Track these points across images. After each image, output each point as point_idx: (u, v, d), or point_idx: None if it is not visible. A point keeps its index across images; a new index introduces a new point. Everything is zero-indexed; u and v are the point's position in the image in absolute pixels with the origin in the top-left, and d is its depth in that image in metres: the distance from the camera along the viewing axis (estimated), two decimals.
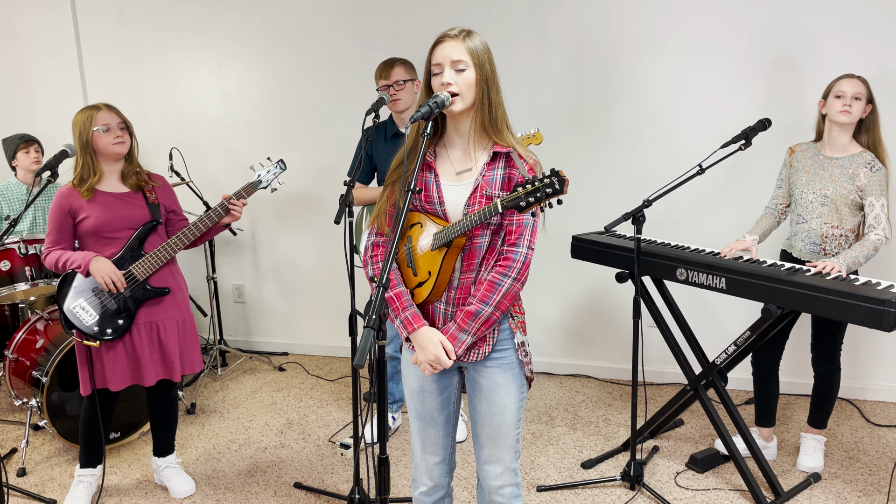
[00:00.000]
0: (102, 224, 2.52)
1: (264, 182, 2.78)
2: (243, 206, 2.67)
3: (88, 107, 2.54)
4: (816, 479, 2.82)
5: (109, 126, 2.50)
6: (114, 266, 2.50)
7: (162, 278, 2.63)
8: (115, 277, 2.48)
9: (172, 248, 2.58)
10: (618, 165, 3.71)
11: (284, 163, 2.82)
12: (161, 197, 2.67)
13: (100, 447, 2.75)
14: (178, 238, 2.59)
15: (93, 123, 2.49)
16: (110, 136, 2.50)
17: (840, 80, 2.62)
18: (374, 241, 1.88)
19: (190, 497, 2.83)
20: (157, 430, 2.84)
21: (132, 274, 2.54)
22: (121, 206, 2.56)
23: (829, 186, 2.66)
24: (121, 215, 2.54)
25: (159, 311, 2.62)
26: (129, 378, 2.61)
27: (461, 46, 1.72)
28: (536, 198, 1.58)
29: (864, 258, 2.54)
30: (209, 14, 4.18)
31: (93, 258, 2.49)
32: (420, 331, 1.77)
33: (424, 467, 1.96)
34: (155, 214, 2.61)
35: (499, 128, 1.77)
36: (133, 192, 2.61)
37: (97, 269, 2.47)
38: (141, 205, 2.60)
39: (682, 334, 2.99)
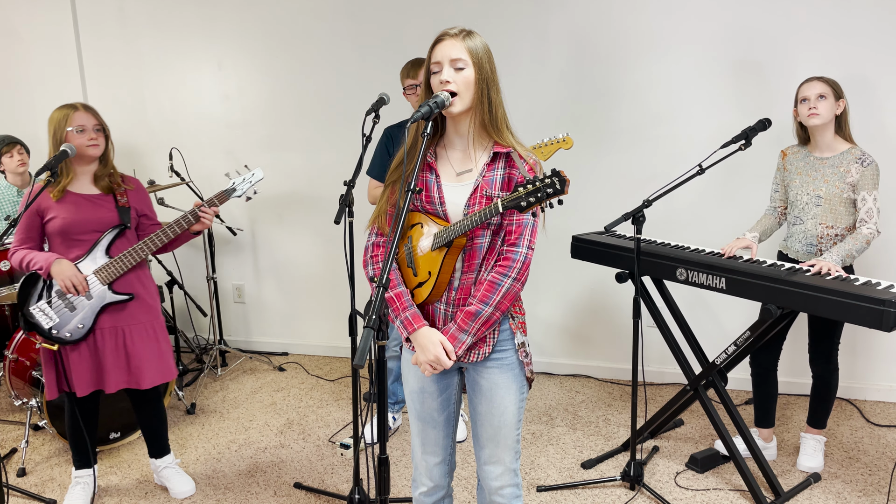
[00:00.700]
0: (69, 225, 2.47)
1: (238, 191, 2.72)
2: (215, 213, 2.61)
3: (65, 105, 2.49)
4: (816, 479, 2.82)
5: (85, 127, 2.47)
6: (76, 269, 2.45)
7: (128, 283, 2.57)
8: (77, 281, 2.43)
9: (139, 253, 2.52)
10: (618, 165, 3.71)
11: (261, 171, 2.77)
12: (133, 200, 2.62)
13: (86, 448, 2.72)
14: (146, 243, 2.53)
15: (68, 123, 2.45)
16: (84, 137, 2.47)
17: (801, 85, 2.67)
18: (374, 241, 1.88)
19: (190, 497, 2.83)
20: (148, 432, 2.81)
21: (95, 278, 2.50)
22: (89, 208, 2.51)
23: (821, 187, 2.66)
24: (88, 217, 2.50)
25: (125, 316, 2.56)
26: (92, 383, 2.55)
27: (460, 45, 1.72)
28: (537, 198, 1.57)
29: (856, 251, 2.55)
30: (209, 14, 4.18)
31: (55, 260, 2.44)
32: (420, 331, 1.77)
33: (424, 468, 1.96)
34: (124, 218, 2.55)
35: (499, 127, 1.77)
36: (103, 195, 2.56)
37: (58, 271, 2.43)
38: (110, 207, 2.55)
39: (682, 334, 2.99)
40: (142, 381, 2.59)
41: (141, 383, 2.59)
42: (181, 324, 4.47)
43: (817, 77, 2.63)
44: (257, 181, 2.76)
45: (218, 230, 4.35)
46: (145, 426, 2.80)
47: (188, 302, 4.38)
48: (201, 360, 4.24)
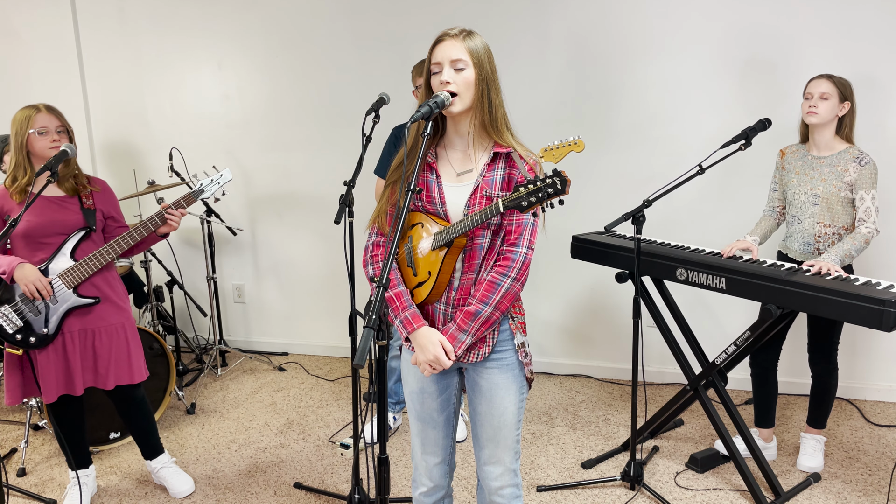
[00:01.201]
0: (33, 228, 2.44)
1: (206, 192, 2.70)
2: (182, 215, 2.57)
3: (28, 106, 2.46)
4: (816, 479, 2.82)
5: (47, 129, 2.44)
6: (39, 273, 2.42)
7: (94, 286, 2.53)
8: (41, 285, 2.40)
9: (104, 256, 2.49)
10: (618, 165, 3.71)
11: (229, 172, 2.76)
12: (99, 202, 2.58)
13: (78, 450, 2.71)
14: (111, 246, 2.49)
15: (30, 125, 2.42)
16: (46, 139, 2.44)
17: (809, 81, 2.66)
18: (374, 241, 1.88)
19: (190, 497, 2.83)
20: (136, 434, 2.78)
21: (60, 282, 2.46)
22: (53, 210, 2.47)
23: (819, 186, 2.67)
24: (52, 220, 2.46)
25: (94, 318, 2.53)
26: (61, 387, 2.52)
27: (461, 46, 1.72)
28: (538, 198, 1.57)
29: (855, 251, 2.55)
30: (209, 14, 4.18)
31: (17, 264, 2.40)
32: (419, 331, 1.77)
33: (424, 468, 1.96)
34: (89, 221, 2.51)
35: (498, 127, 1.77)
36: (68, 197, 2.52)
37: (21, 276, 2.39)
38: (75, 210, 2.51)
39: (682, 334, 2.99)
40: (108, 382, 2.57)
41: (107, 383, 2.57)
42: (181, 324, 4.47)
43: (826, 75, 2.62)
44: (225, 182, 2.75)
45: (218, 230, 4.35)
46: (133, 428, 2.77)
47: (188, 302, 4.38)
48: (201, 360, 4.24)
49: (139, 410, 2.74)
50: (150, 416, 2.79)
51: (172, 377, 3.39)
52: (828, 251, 2.55)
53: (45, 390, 2.51)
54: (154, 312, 3.96)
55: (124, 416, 2.74)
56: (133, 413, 2.73)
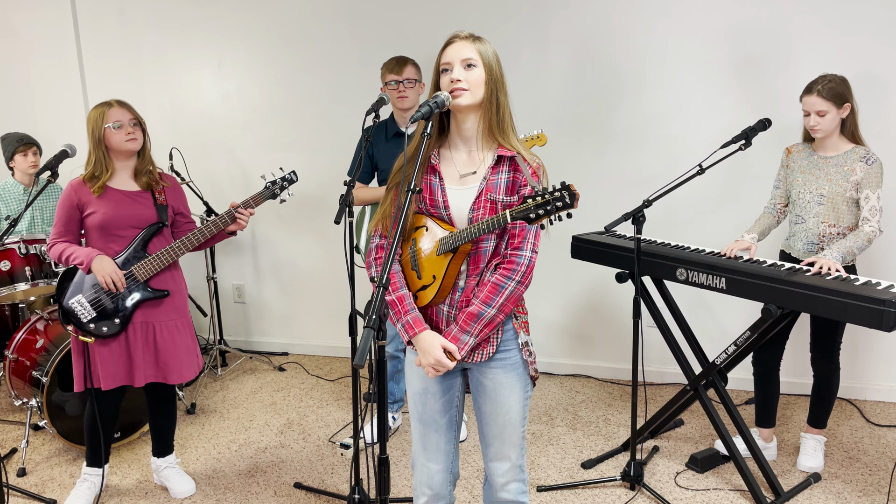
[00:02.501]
0: (109, 221, 2.51)
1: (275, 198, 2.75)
2: (250, 215, 2.66)
3: (101, 103, 2.53)
4: (816, 479, 2.82)
5: (121, 122, 2.50)
6: (116, 266, 2.50)
7: (162, 280, 2.61)
8: (116, 277, 2.48)
9: (176, 251, 2.57)
10: (618, 166, 3.71)
11: (296, 174, 2.78)
12: (170, 198, 2.66)
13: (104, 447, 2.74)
14: (182, 242, 2.58)
15: (105, 120, 2.48)
16: (122, 132, 2.50)
17: (803, 96, 2.63)
18: (377, 244, 1.88)
19: (190, 497, 2.83)
20: (157, 430, 2.83)
21: (133, 274, 2.54)
22: (129, 204, 2.55)
23: (824, 185, 2.66)
24: (128, 214, 2.54)
25: (157, 312, 2.61)
26: (121, 378, 2.59)
27: (471, 47, 1.73)
28: (546, 211, 1.56)
29: (857, 249, 2.54)
30: (209, 14, 4.18)
31: (96, 256, 2.48)
32: (421, 335, 1.77)
33: (426, 475, 1.93)
34: (162, 216, 2.60)
35: (504, 130, 1.77)
36: (143, 192, 2.60)
37: (99, 267, 2.47)
38: (149, 205, 2.59)
39: (682, 334, 2.99)
40: (169, 376, 2.64)
41: (168, 378, 2.64)
42: None
43: (816, 90, 2.58)
44: (293, 184, 2.78)
45: None
46: (157, 425, 2.81)
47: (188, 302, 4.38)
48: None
49: (169, 407, 2.80)
50: (174, 415, 2.85)
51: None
52: (829, 248, 2.54)
53: (104, 378, 2.56)
54: None
55: (154, 410, 2.79)
56: (163, 409, 2.79)
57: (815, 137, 2.67)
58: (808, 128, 2.66)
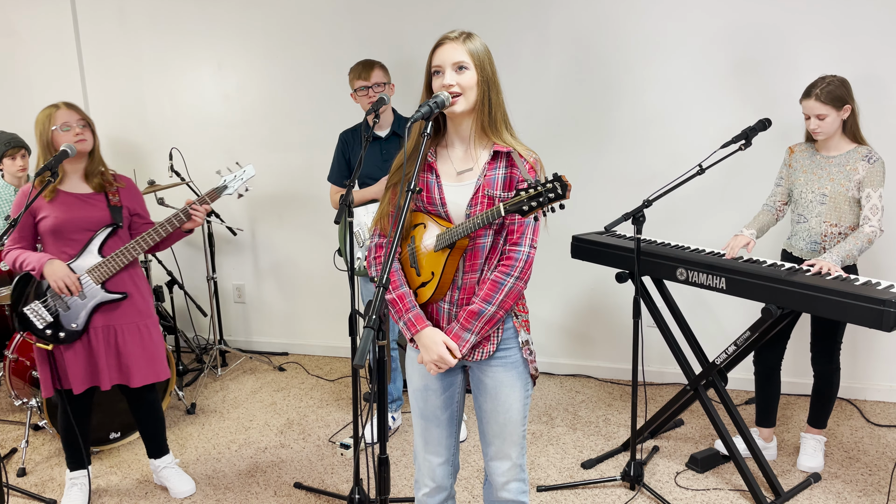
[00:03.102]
0: (61, 225, 2.48)
1: (230, 188, 2.71)
2: (206, 211, 2.60)
3: (48, 106, 2.50)
4: (816, 479, 2.82)
5: (69, 124, 2.47)
6: (69, 269, 2.45)
7: (120, 282, 2.57)
8: (69, 281, 2.44)
9: (131, 252, 2.52)
10: (618, 165, 3.71)
11: (252, 168, 2.76)
12: (125, 199, 2.61)
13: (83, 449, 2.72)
14: (137, 242, 2.53)
15: (52, 122, 2.45)
16: (70, 134, 2.47)
17: (802, 99, 2.63)
18: (377, 243, 1.89)
19: (190, 497, 2.83)
20: (145, 433, 2.81)
21: (88, 278, 2.50)
22: (81, 207, 2.51)
23: (827, 185, 2.66)
24: (80, 216, 2.50)
25: (118, 315, 2.57)
26: (87, 381, 2.56)
27: (462, 48, 1.72)
28: (539, 202, 1.58)
29: (857, 251, 2.54)
30: (209, 14, 4.18)
31: (47, 261, 2.44)
32: (424, 332, 1.78)
33: (427, 468, 1.96)
34: (115, 217, 2.55)
35: (498, 129, 1.77)
36: (95, 193, 2.56)
37: (51, 272, 2.43)
38: (102, 207, 2.55)
39: (682, 334, 2.99)
40: (132, 380, 2.60)
41: (131, 381, 2.60)
42: (181, 324, 4.47)
43: (814, 94, 2.57)
44: (248, 178, 2.75)
45: (218, 230, 4.35)
46: (142, 427, 2.80)
47: (188, 302, 4.38)
48: (201, 360, 4.24)
49: (151, 409, 2.77)
50: (160, 418, 2.82)
51: (173, 377, 3.39)
52: (829, 251, 2.55)
53: (73, 382, 2.54)
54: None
55: (137, 414, 2.77)
56: (146, 412, 2.76)
57: (817, 140, 2.68)
58: (809, 130, 2.67)
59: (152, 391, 2.74)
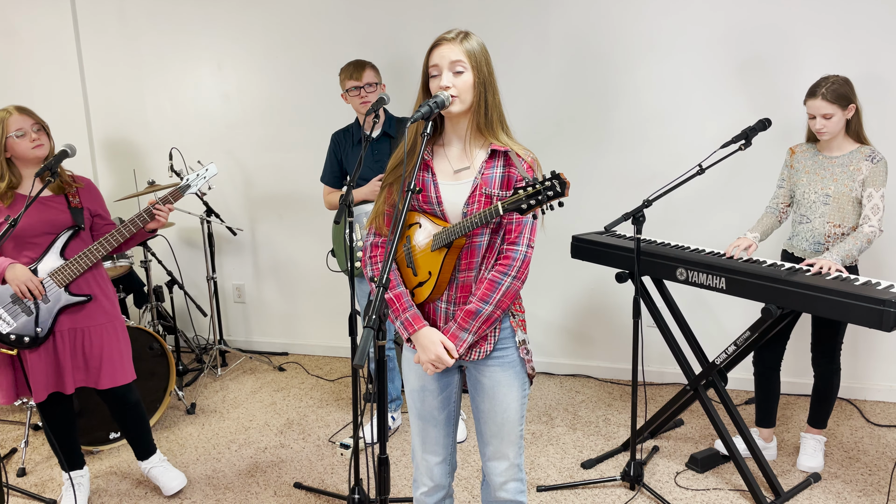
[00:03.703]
0: (21, 229, 2.44)
1: (192, 187, 2.69)
2: (169, 211, 2.57)
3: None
4: (816, 479, 2.82)
5: (24, 130, 2.43)
6: (31, 273, 2.42)
7: (84, 284, 2.54)
8: (32, 285, 2.41)
9: (94, 253, 2.49)
10: (618, 165, 3.71)
11: (214, 167, 2.74)
12: (85, 200, 2.58)
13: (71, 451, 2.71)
14: (100, 244, 2.50)
15: (6, 130, 2.42)
16: (26, 140, 2.44)
17: (807, 99, 2.62)
18: (372, 242, 1.88)
19: (190, 497, 2.83)
20: (130, 436, 2.78)
21: (51, 281, 2.47)
22: (40, 209, 2.47)
23: (830, 185, 2.66)
24: (40, 219, 2.46)
25: (83, 317, 2.54)
26: (51, 385, 2.54)
27: (459, 49, 1.72)
28: (538, 200, 1.57)
29: (857, 251, 2.54)
30: (209, 14, 4.18)
31: (8, 265, 2.41)
32: (421, 332, 1.77)
33: (425, 467, 1.96)
34: (77, 219, 2.52)
35: (493, 129, 1.77)
36: (55, 196, 2.52)
37: (13, 276, 2.40)
38: (62, 209, 2.51)
39: (682, 334, 2.99)
40: (100, 381, 2.58)
41: (99, 383, 2.58)
42: (181, 324, 4.47)
43: (820, 93, 2.57)
44: (211, 176, 2.73)
45: (218, 230, 4.35)
46: (126, 430, 2.77)
47: (188, 302, 4.38)
48: (201, 360, 4.24)
49: (132, 413, 2.74)
50: (143, 420, 2.78)
51: (172, 377, 3.39)
52: (829, 251, 2.55)
53: (35, 389, 2.51)
54: (154, 312, 3.96)
55: (117, 419, 2.74)
56: (126, 416, 2.73)
57: (822, 140, 2.67)
58: (814, 131, 2.65)
59: (131, 391, 2.70)
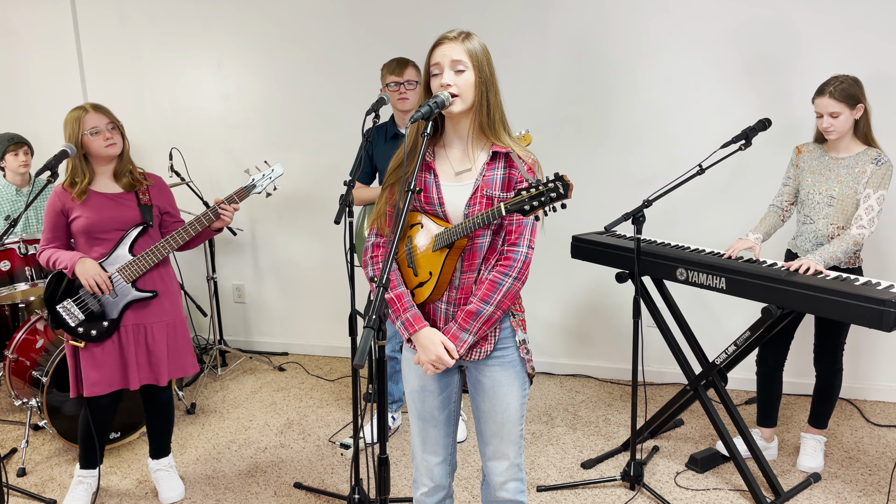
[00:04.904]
0: (92, 225, 2.50)
1: (259, 187, 2.73)
2: (235, 210, 2.63)
3: (76, 108, 2.51)
4: (816, 479, 2.82)
5: (98, 128, 2.48)
6: (99, 268, 2.47)
7: (150, 281, 2.59)
8: (100, 280, 2.45)
9: (161, 250, 2.54)
10: (618, 165, 3.71)
11: (280, 167, 2.77)
12: (155, 198, 2.64)
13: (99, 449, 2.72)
14: (167, 241, 2.55)
15: (81, 128, 2.46)
16: (100, 138, 2.48)
17: (815, 98, 2.61)
18: (373, 242, 1.88)
19: (190, 497, 2.82)
20: (153, 432, 2.81)
21: (119, 276, 2.52)
22: (111, 206, 2.53)
23: (835, 187, 2.65)
24: (111, 216, 2.52)
25: (148, 313, 2.58)
26: (116, 382, 2.57)
27: (460, 48, 1.72)
28: (540, 202, 1.57)
29: (842, 253, 2.53)
30: (209, 14, 4.18)
31: (79, 259, 2.47)
32: (421, 332, 1.77)
33: (425, 468, 1.96)
34: (146, 216, 2.57)
35: (496, 129, 1.77)
36: (125, 193, 2.58)
37: (82, 270, 2.45)
38: (132, 206, 2.57)
39: (682, 334, 2.99)
40: (161, 378, 2.62)
41: (160, 379, 2.62)
42: None
43: (828, 91, 2.56)
44: (277, 177, 2.76)
45: None
46: (153, 427, 2.80)
47: (188, 302, 4.38)
48: (201, 360, 4.24)
49: (165, 410, 2.78)
50: (171, 418, 2.82)
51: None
52: (813, 252, 2.54)
53: (98, 383, 2.54)
54: None
55: (149, 414, 2.78)
56: (159, 411, 2.77)
57: (829, 139, 2.65)
58: (821, 129, 2.64)
59: (167, 390, 2.75)
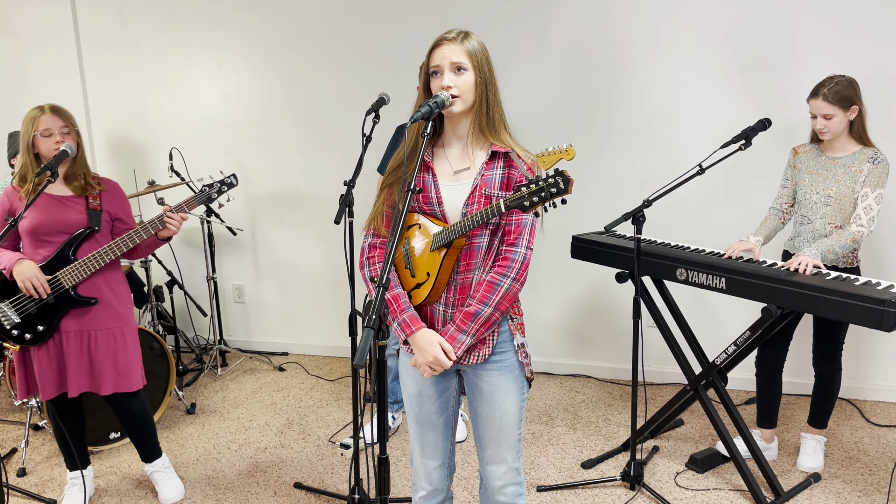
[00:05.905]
0: (37, 226, 2.46)
1: (211, 196, 2.62)
2: (182, 220, 2.54)
3: (36, 108, 2.49)
4: (816, 479, 2.82)
5: (51, 131, 2.45)
6: (38, 270, 2.43)
7: (94, 287, 2.53)
8: (37, 283, 2.41)
9: (104, 256, 2.48)
10: (618, 166, 3.71)
11: (236, 178, 2.66)
12: (106, 203, 2.58)
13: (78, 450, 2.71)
14: (110, 247, 2.49)
15: (34, 127, 2.45)
16: (51, 141, 2.46)
17: (809, 99, 2.62)
18: (371, 243, 1.87)
19: (190, 497, 2.82)
20: (133, 440, 2.78)
21: (59, 280, 2.47)
22: (58, 209, 2.49)
23: (832, 186, 2.65)
24: (57, 219, 2.48)
25: (91, 320, 2.53)
26: (56, 387, 2.53)
27: (460, 49, 1.71)
28: (541, 197, 1.56)
29: (839, 248, 2.53)
30: (209, 14, 4.18)
31: (17, 261, 2.43)
32: (418, 333, 1.76)
33: (424, 471, 1.95)
34: (92, 221, 2.52)
35: (496, 129, 1.77)
36: (75, 196, 2.53)
37: (20, 272, 2.41)
38: (80, 209, 2.52)
39: (682, 334, 2.99)
40: (101, 387, 2.57)
41: (101, 389, 2.57)
42: (181, 324, 4.47)
43: (822, 94, 2.56)
44: (230, 186, 2.66)
45: (218, 230, 4.35)
46: (131, 435, 2.76)
47: (188, 302, 4.38)
48: (201, 360, 4.24)
49: (136, 419, 2.72)
50: (147, 424, 2.77)
51: (172, 377, 3.39)
52: (809, 245, 2.54)
53: (42, 387, 2.52)
54: (154, 312, 3.96)
55: (123, 421, 2.74)
56: (131, 423, 2.72)
57: (825, 140, 2.66)
58: (815, 130, 2.65)
59: (134, 398, 2.68)
